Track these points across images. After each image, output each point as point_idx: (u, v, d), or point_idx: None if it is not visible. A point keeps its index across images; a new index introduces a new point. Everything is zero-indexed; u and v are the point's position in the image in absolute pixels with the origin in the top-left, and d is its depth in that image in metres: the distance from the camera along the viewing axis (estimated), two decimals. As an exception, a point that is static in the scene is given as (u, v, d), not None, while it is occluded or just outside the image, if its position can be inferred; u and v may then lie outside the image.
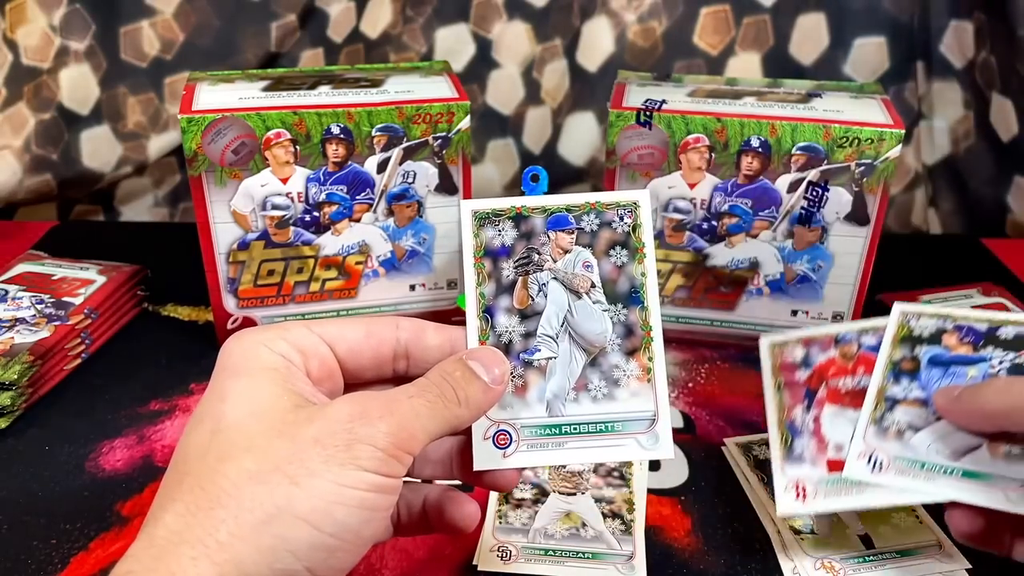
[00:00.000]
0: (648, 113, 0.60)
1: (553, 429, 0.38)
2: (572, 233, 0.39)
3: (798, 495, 0.44)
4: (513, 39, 0.87)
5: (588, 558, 0.47)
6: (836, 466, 0.44)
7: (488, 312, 0.39)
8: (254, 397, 0.33)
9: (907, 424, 0.42)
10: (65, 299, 0.66)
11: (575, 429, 0.38)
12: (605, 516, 0.50)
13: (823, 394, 0.47)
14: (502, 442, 0.37)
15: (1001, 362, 0.43)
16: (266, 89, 0.63)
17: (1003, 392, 0.40)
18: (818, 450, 0.45)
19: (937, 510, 0.50)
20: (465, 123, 0.62)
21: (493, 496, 0.51)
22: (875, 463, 0.41)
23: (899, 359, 0.44)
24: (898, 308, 0.46)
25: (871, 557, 0.47)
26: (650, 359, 0.38)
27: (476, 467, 0.37)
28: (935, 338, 0.44)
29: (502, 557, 0.47)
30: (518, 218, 0.40)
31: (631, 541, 0.48)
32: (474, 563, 0.47)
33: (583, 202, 0.40)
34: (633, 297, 0.39)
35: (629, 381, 0.38)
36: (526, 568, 0.47)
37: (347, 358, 0.37)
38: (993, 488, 0.40)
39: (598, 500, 0.51)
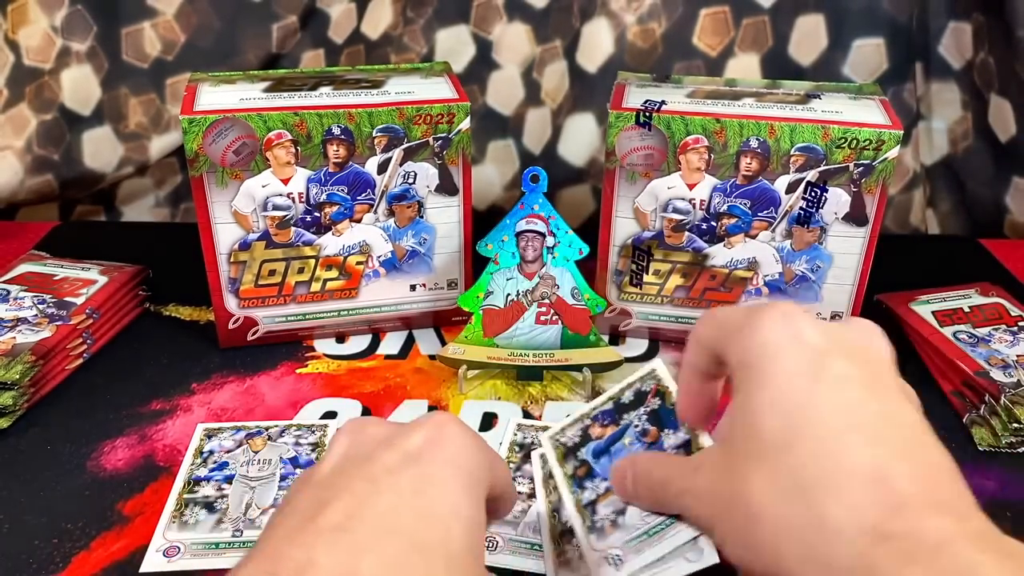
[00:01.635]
0: (648, 114, 0.61)
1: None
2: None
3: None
4: (513, 40, 0.87)
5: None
6: None
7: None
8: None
9: (614, 512, 0.42)
10: (67, 299, 0.66)
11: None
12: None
13: None
14: None
15: (640, 419, 0.46)
16: (267, 90, 0.63)
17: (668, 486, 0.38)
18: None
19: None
20: (465, 124, 0.63)
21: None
22: (615, 562, 0.41)
23: (572, 472, 0.46)
24: (546, 441, 0.48)
25: None
26: None
27: None
28: (585, 438, 0.47)
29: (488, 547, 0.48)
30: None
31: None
32: None
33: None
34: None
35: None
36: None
37: None
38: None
39: None
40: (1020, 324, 0.66)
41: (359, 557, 0.29)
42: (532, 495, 0.51)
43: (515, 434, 0.57)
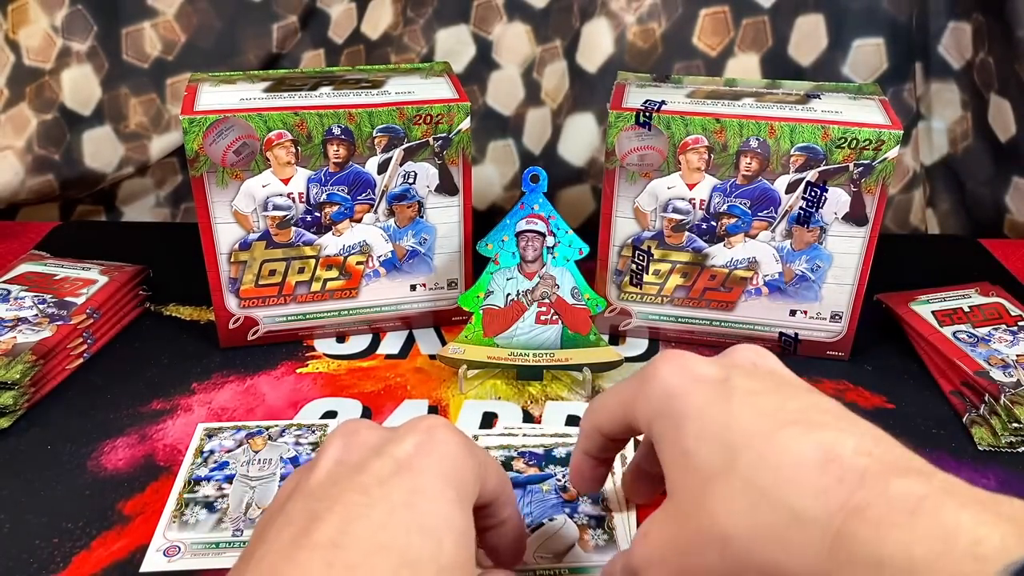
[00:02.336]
0: (647, 114, 0.61)
1: None
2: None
3: None
4: (513, 40, 0.87)
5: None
6: None
7: None
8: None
9: None
10: (67, 299, 0.66)
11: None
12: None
13: None
14: None
15: (564, 476, 0.52)
16: (267, 90, 0.63)
17: None
18: None
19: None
20: (465, 124, 0.63)
21: None
22: None
23: None
24: None
25: None
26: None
27: None
28: (506, 465, 0.53)
29: None
30: None
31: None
32: None
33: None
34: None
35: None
36: None
37: None
38: None
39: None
40: (1020, 324, 0.66)
41: (353, 573, 0.30)
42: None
43: None
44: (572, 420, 0.59)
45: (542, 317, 0.64)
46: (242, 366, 0.65)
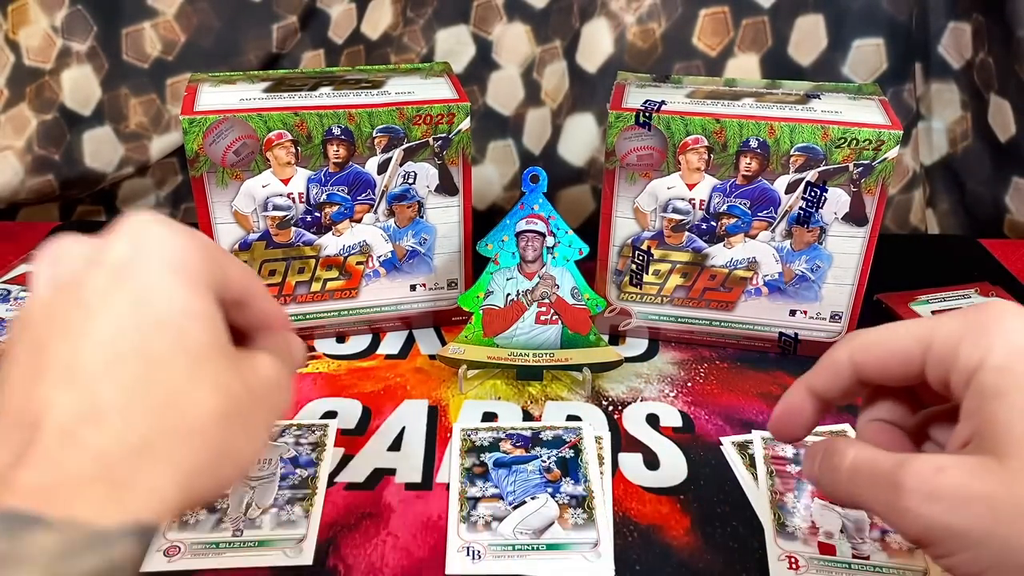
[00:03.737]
0: (647, 114, 0.61)
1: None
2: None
3: (791, 566, 0.48)
4: (513, 40, 0.87)
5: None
6: (826, 549, 0.49)
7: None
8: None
9: (491, 516, 0.50)
10: (67, 299, 0.66)
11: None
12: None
13: (812, 488, 0.53)
14: None
15: (549, 458, 0.55)
16: (267, 90, 0.63)
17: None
18: (810, 532, 0.50)
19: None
20: (465, 124, 0.63)
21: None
22: (473, 554, 0.48)
23: (470, 466, 0.54)
24: (457, 429, 0.57)
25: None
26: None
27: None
28: (494, 446, 0.56)
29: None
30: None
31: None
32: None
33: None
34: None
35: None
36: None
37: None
38: (572, 554, 0.48)
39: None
40: (1019, 324, 0.66)
41: (95, 388, 0.29)
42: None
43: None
44: (572, 420, 0.60)
45: (542, 317, 0.64)
46: (242, 366, 0.65)
